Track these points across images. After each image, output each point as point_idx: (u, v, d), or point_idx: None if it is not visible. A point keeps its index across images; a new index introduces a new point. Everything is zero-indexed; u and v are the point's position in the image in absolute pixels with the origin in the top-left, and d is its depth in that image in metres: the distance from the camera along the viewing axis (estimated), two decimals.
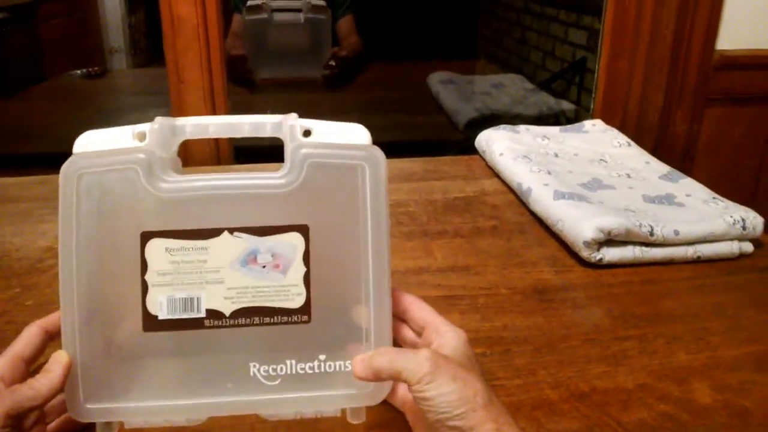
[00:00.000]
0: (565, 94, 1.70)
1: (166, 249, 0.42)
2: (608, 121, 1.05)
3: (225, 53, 1.07)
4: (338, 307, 0.44)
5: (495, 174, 0.94)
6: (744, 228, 0.72)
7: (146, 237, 0.42)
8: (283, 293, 0.43)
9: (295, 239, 0.43)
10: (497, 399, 0.40)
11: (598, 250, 0.69)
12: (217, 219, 0.43)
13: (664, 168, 0.88)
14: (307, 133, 0.43)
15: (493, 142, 0.96)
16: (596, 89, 1.14)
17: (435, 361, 0.39)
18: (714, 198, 0.79)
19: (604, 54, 1.11)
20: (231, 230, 0.43)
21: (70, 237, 0.42)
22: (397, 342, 0.46)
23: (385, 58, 2.17)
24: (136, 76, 2.35)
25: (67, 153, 0.44)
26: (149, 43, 2.40)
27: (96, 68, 1.92)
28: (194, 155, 1.10)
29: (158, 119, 0.43)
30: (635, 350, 0.57)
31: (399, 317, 0.46)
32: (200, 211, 0.43)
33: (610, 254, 0.69)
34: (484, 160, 0.99)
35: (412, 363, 0.40)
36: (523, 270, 0.70)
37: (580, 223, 0.69)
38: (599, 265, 0.69)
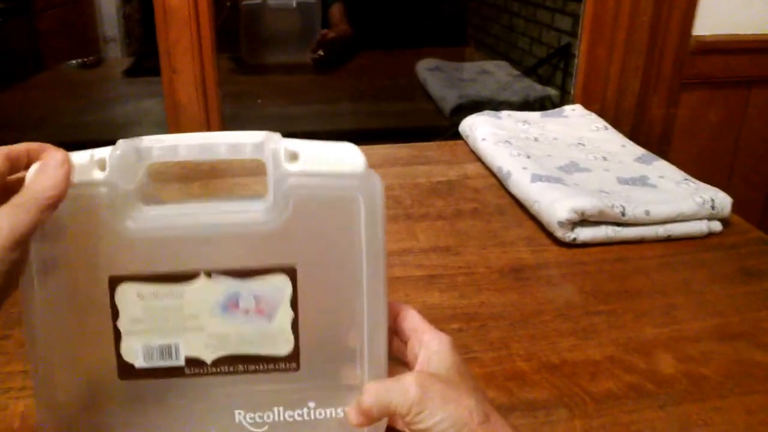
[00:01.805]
0: (551, 80, 1.72)
1: (138, 295, 0.38)
2: (588, 106, 1.07)
3: None
4: (330, 353, 0.41)
5: (477, 158, 0.96)
6: (713, 208, 0.75)
7: (115, 281, 0.38)
8: (268, 340, 0.40)
9: (281, 282, 0.39)
10: (493, 410, 0.38)
11: (572, 230, 0.72)
12: (193, 260, 0.38)
13: (640, 151, 0.91)
14: (293, 156, 0.38)
15: (476, 127, 0.98)
16: (576, 75, 1.16)
17: (421, 385, 0.37)
18: (686, 179, 0.81)
19: (583, 40, 1.13)
20: (208, 273, 0.38)
21: (29, 285, 0.38)
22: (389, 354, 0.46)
23: (376, 46, 2.19)
24: (131, 64, 2.36)
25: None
26: (144, 32, 2.41)
27: (91, 57, 1.93)
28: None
29: (120, 143, 0.38)
30: (604, 325, 0.60)
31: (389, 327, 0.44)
32: (173, 251, 0.38)
33: (584, 234, 0.72)
34: (467, 145, 1.01)
35: (398, 393, 0.37)
36: (501, 250, 0.73)
37: (555, 205, 0.72)
38: (573, 245, 0.72)
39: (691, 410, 0.50)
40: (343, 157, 0.39)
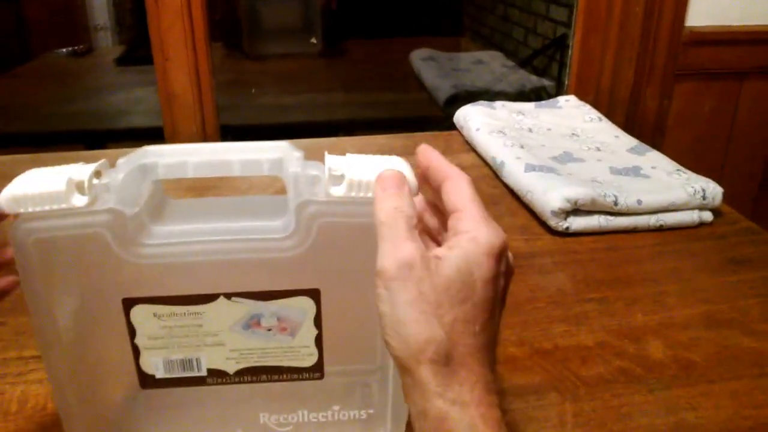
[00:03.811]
0: (546, 71, 1.73)
1: (155, 314, 0.37)
2: (582, 96, 1.08)
3: None
4: (355, 363, 0.41)
5: (472, 149, 0.97)
6: (704, 198, 0.75)
7: (129, 303, 0.37)
8: (292, 353, 0.39)
9: (305, 303, 0.38)
10: (475, 363, 0.30)
11: (565, 219, 0.73)
12: (211, 284, 0.37)
13: (633, 142, 0.92)
14: (316, 180, 0.35)
15: (471, 117, 0.99)
16: (570, 66, 1.17)
17: (409, 273, 0.30)
18: (678, 170, 0.82)
19: (578, 31, 1.14)
20: (228, 295, 0.37)
21: (40, 307, 0.36)
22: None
23: (372, 35, 2.19)
24: (123, 53, 2.35)
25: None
26: (134, 20, 2.40)
27: (82, 46, 1.92)
28: (180, 132, 1.12)
29: (121, 163, 0.35)
30: (596, 312, 0.61)
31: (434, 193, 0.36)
32: (189, 276, 0.37)
33: (577, 223, 0.73)
34: (462, 135, 1.02)
35: (393, 250, 0.31)
36: None
37: (548, 194, 0.73)
38: (566, 234, 0.73)
39: (679, 394, 0.50)
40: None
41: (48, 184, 0.33)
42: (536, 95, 1.60)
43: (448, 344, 0.30)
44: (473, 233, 0.31)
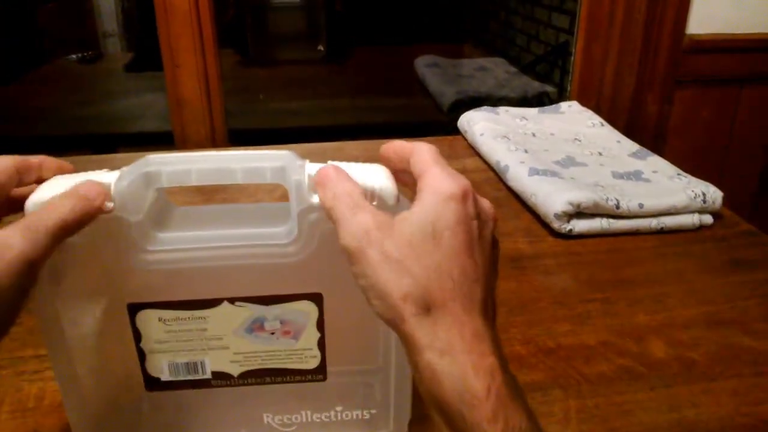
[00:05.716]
0: (549, 77, 1.74)
1: (159, 319, 0.38)
2: (584, 102, 1.09)
3: None
4: (357, 364, 0.42)
5: (476, 153, 0.98)
6: (704, 201, 0.77)
7: (134, 308, 0.38)
8: (295, 356, 0.40)
9: (307, 307, 0.39)
10: (459, 309, 0.30)
11: (568, 221, 0.74)
12: (215, 289, 0.38)
13: (634, 146, 0.93)
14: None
15: (474, 122, 1.00)
16: (572, 72, 1.19)
17: (367, 240, 0.31)
18: (679, 174, 0.84)
19: (580, 38, 1.15)
20: (231, 300, 0.38)
21: (47, 312, 0.37)
22: None
23: (375, 42, 2.21)
24: (131, 59, 2.37)
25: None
26: (142, 27, 2.42)
27: (91, 52, 1.95)
28: (189, 137, 1.14)
29: (124, 172, 0.35)
30: (599, 311, 0.62)
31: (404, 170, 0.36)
32: (193, 281, 0.37)
33: (580, 226, 0.74)
34: (466, 140, 1.03)
35: (346, 226, 0.32)
36: (499, 240, 0.74)
37: (551, 197, 0.74)
38: (569, 236, 0.74)
39: (680, 392, 0.52)
40: (371, 180, 0.35)
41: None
42: (538, 101, 1.61)
43: (424, 292, 0.30)
44: (434, 186, 0.32)
